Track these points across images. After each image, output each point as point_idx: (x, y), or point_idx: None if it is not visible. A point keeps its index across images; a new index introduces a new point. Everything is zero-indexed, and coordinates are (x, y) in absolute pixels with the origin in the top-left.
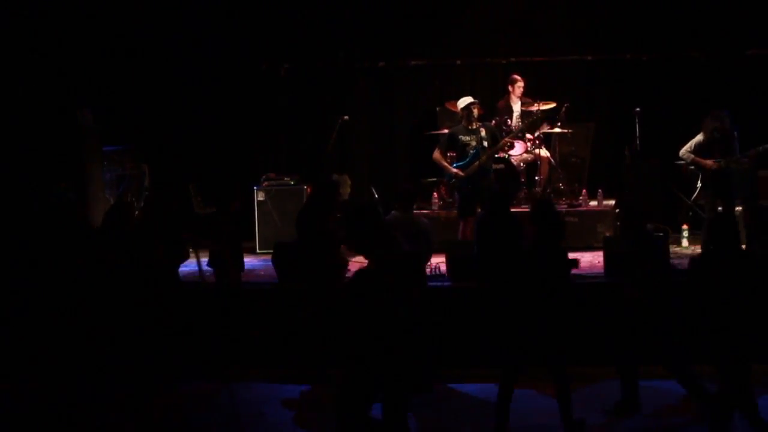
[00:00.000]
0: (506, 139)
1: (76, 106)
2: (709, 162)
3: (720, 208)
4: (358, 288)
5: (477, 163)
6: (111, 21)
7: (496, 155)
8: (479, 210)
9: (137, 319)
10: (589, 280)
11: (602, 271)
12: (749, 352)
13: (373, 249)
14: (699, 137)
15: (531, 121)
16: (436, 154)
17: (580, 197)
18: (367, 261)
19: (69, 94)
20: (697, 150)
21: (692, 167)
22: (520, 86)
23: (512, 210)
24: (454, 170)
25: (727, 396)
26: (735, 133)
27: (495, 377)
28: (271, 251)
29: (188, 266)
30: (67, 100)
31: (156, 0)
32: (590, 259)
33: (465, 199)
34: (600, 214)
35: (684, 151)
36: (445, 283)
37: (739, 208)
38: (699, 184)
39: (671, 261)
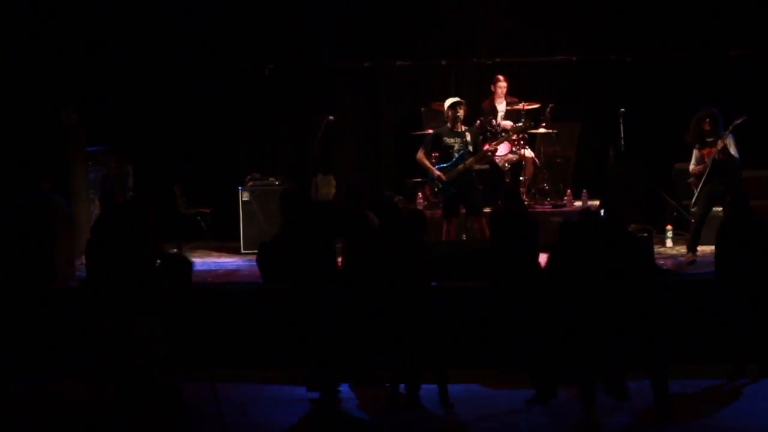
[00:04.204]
0: (488, 147)
1: (60, 105)
2: (699, 167)
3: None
4: None
5: (461, 166)
6: (96, 21)
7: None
8: (462, 211)
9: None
10: None
11: None
12: None
13: None
14: (695, 151)
15: (517, 128)
16: (420, 154)
17: (565, 197)
18: None
19: (53, 93)
20: (698, 161)
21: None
22: (501, 86)
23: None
24: (437, 173)
25: None
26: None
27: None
28: (256, 251)
29: None
30: (52, 99)
31: (140, 1)
32: None
33: (448, 200)
34: None
35: (691, 168)
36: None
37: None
38: (694, 189)
39: (656, 261)
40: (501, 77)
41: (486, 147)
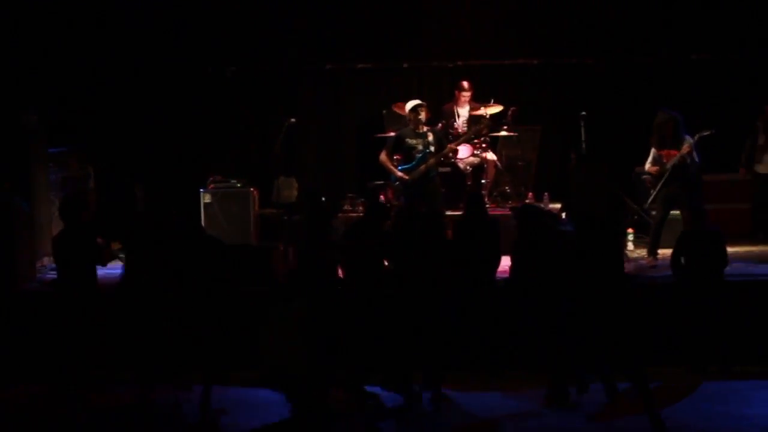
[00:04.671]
0: (450, 146)
1: (20, 107)
2: (654, 168)
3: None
4: None
5: (423, 167)
6: (55, 23)
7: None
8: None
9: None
10: None
11: None
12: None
13: None
14: (653, 150)
15: (477, 129)
16: (383, 156)
17: (526, 200)
18: None
19: (13, 95)
20: (655, 161)
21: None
22: (465, 95)
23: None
24: (399, 174)
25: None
26: (688, 136)
27: None
28: None
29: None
30: (11, 101)
31: (100, 2)
32: None
33: (410, 202)
34: None
35: (647, 167)
36: None
37: (675, 212)
38: (652, 191)
39: None
40: (466, 84)
41: (448, 147)
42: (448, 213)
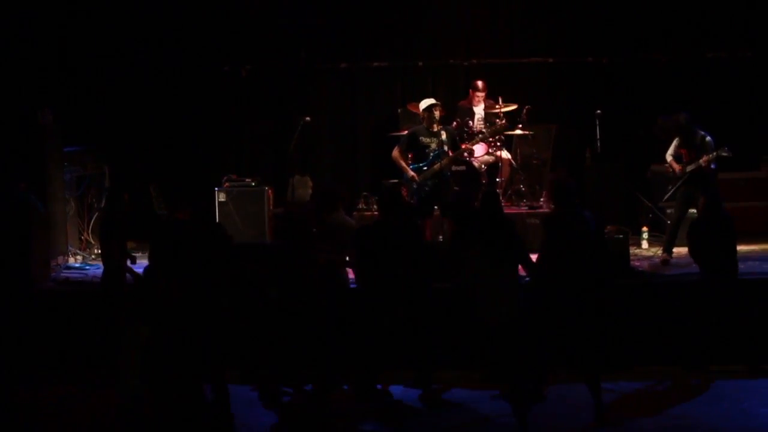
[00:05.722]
0: (466, 146)
1: (36, 106)
2: (676, 166)
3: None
4: None
5: (437, 166)
6: (72, 21)
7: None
8: (437, 212)
9: None
10: None
11: None
12: None
13: None
14: (676, 141)
15: (494, 130)
16: (395, 153)
17: (541, 199)
18: None
19: (29, 94)
20: (676, 153)
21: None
22: (479, 95)
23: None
24: (411, 173)
25: None
26: (705, 135)
27: None
28: None
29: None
30: (28, 100)
31: (116, 2)
32: None
33: (423, 201)
34: None
35: (667, 155)
36: None
37: (692, 210)
38: (670, 187)
39: (631, 263)
40: (480, 84)
41: (462, 147)
42: None
